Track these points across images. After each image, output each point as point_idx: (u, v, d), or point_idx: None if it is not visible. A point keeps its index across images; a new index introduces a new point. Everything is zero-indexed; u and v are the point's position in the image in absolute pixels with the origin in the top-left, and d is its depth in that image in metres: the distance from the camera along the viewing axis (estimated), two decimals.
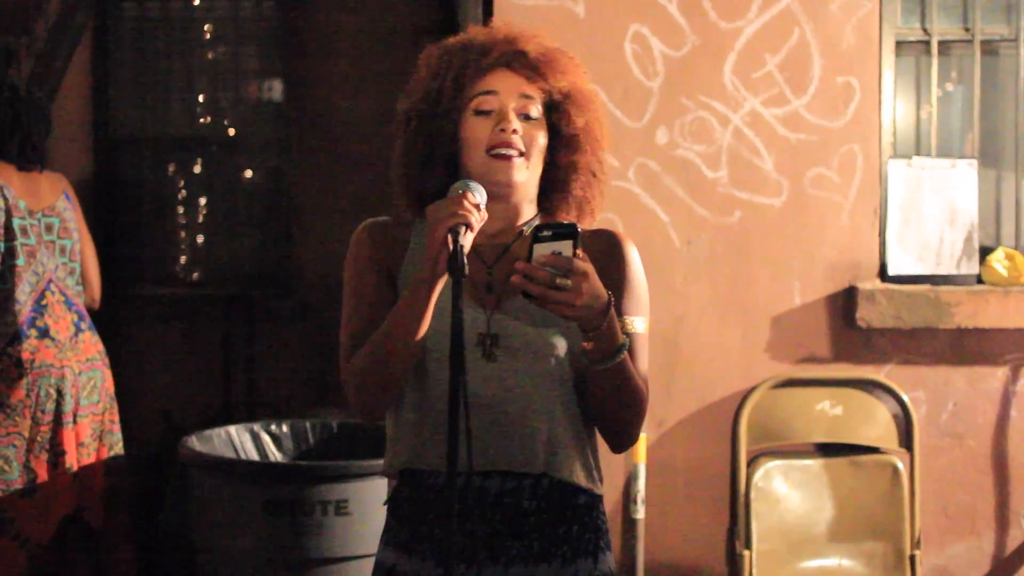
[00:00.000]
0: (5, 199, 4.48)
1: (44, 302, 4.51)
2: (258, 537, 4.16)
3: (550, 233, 2.11)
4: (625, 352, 2.22)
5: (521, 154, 2.31)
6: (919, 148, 4.96)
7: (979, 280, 4.79)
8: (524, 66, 2.34)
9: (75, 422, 4.53)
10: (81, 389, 4.57)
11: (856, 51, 4.76)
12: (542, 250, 2.10)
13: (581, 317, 2.14)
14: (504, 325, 2.31)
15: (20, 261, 4.48)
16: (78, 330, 4.59)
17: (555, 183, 2.40)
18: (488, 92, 2.33)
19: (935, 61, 4.88)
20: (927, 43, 4.89)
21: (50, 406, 4.46)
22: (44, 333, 4.48)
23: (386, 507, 2.43)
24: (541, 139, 2.35)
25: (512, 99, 2.33)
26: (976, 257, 4.79)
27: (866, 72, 4.77)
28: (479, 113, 2.33)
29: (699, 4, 4.73)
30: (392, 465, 2.39)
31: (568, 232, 2.11)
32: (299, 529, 4.11)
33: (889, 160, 4.78)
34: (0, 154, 4.58)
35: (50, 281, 4.55)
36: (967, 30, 4.91)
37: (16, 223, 4.49)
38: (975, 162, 4.81)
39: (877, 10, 4.76)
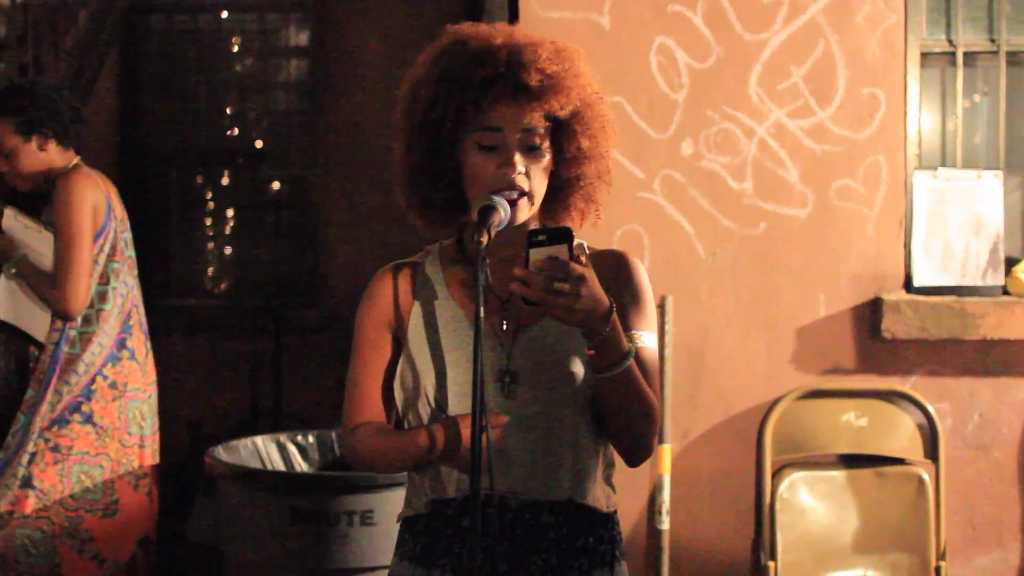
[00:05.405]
0: (116, 219, 4.47)
1: (131, 322, 4.52)
2: (284, 547, 4.17)
3: (545, 237, 2.08)
4: (632, 360, 2.20)
5: (525, 193, 2.28)
6: (944, 159, 4.95)
7: (1005, 291, 4.78)
8: (528, 97, 2.27)
9: (152, 445, 4.58)
10: (151, 412, 4.61)
11: (881, 62, 4.76)
12: (538, 255, 2.08)
13: (582, 321, 2.11)
14: (522, 359, 2.30)
15: (113, 283, 4.47)
16: (147, 351, 4.62)
17: (558, 193, 2.37)
18: (491, 128, 2.28)
19: (960, 72, 4.88)
20: (952, 54, 4.89)
21: (135, 429, 4.48)
22: (132, 355, 4.50)
23: (399, 522, 2.44)
24: (545, 164, 2.32)
25: (516, 133, 2.28)
26: (1002, 268, 4.78)
27: (891, 83, 4.77)
28: (482, 148, 2.29)
29: (724, 16, 4.74)
30: (418, 502, 2.38)
31: (563, 236, 2.09)
32: (325, 539, 4.12)
33: (914, 171, 4.78)
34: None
35: (133, 304, 4.55)
36: (992, 41, 4.91)
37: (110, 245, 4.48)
38: (1000, 173, 4.81)
39: (902, 21, 4.77)
